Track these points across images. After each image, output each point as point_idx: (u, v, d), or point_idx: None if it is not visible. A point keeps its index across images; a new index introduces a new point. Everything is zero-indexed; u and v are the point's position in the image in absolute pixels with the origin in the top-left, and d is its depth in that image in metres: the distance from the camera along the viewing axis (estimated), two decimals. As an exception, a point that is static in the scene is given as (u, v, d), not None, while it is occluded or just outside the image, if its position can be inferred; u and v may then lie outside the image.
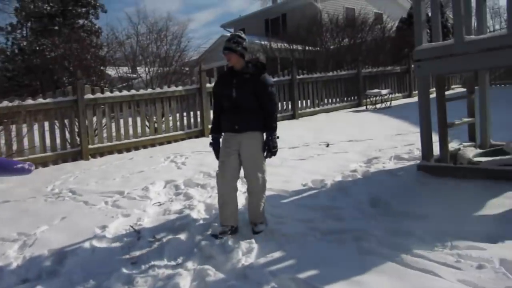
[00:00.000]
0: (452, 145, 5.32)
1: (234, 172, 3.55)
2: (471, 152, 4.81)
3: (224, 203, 3.55)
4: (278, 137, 3.56)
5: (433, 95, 4.69)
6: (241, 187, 4.85)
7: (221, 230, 3.51)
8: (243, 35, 3.53)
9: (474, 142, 5.31)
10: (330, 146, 6.68)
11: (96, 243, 3.50)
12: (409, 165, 5.09)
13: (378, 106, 11.50)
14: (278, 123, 3.65)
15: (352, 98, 12.32)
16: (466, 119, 5.24)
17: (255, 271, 2.81)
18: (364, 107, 11.83)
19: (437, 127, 4.69)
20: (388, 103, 11.59)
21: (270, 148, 3.52)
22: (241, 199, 4.37)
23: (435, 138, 4.69)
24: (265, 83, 3.48)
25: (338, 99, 11.91)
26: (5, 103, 6.28)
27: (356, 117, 10.19)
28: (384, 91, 11.66)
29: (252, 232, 3.51)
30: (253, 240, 3.28)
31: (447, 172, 4.41)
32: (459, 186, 4.02)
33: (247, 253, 3.13)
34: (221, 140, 3.66)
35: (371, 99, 11.65)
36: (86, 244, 3.47)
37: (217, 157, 3.65)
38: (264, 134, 3.55)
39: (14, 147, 6.44)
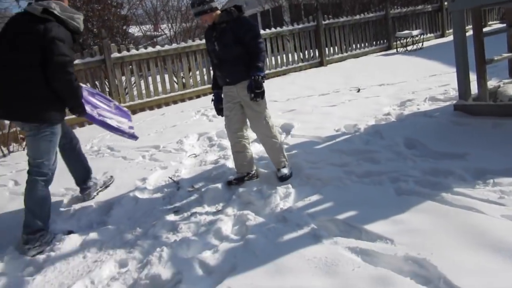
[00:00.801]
0: (491, 83, 5.12)
1: (239, 123, 3.58)
2: (512, 88, 4.62)
3: (235, 153, 3.66)
4: (264, 77, 3.26)
5: (468, 33, 4.45)
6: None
7: (236, 176, 3.63)
8: None
9: (514, 78, 5.08)
10: (361, 91, 6.55)
11: (138, 195, 3.64)
12: (445, 106, 4.94)
13: (409, 48, 11.06)
14: (305, 71, 3.66)
15: (381, 41, 11.89)
16: (506, 54, 4.99)
17: (294, 214, 2.87)
18: (394, 50, 11.41)
19: (475, 64, 4.50)
20: (420, 44, 11.12)
21: (253, 89, 3.21)
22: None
23: (473, 77, 4.51)
24: (242, 24, 3.31)
25: (366, 43, 11.52)
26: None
27: (386, 60, 9.87)
28: (415, 32, 11.17)
29: (277, 179, 3.54)
30: (289, 185, 3.33)
31: (487, 111, 4.26)
32: (500, 124, 3.89)
33: (284, 197, 3.19)
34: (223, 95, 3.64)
35: (402, 41, 11.19)
36: (129, 196, 3.62)
37: (217, 112, 3.74)
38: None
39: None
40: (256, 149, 4.31)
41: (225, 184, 3.58)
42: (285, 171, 3.56)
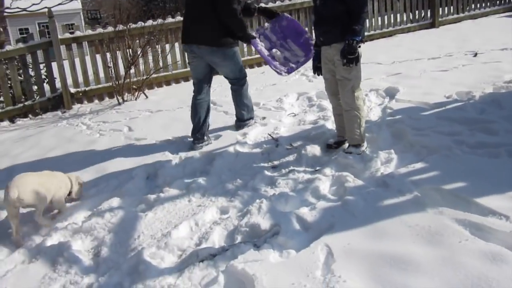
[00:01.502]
0: None
1: (334, 85, 3.42)
2: None
3: (336, 115, 3.58)
4: (360, 42, 3.09)
5: None
6: (377, 99, 4.69)
7: (336, 140, 3.57)
8: None
9: None
10: (478, 55, 5.94)
11: (239, 148, 3.78)
12: None
13: (540, 8, 9.67)
14: (413, 32, 3.35)
15: (507, 0, 10.52)
16: None
17: (396, 180, 2.77)
18: (521, 11, 10.06)
19: None
20: (555, 4, 9.65)
21: (345, 54, 3.07)
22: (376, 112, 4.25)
23: None
24: None
25: (488, 3, 10.28)
26: (150, 22, 6.80)
27: (511, 23, 8.76)
28: (551, -10, 9.69)
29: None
30: (392, 151, 3.20)
31: None
32: None
33: (386, 163, 3.09)
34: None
35: (532, 0, 9.80)
36: (231, 149, 3.77)
37: (313, 70, 3.60)
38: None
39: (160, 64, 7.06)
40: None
41: (325, 147, 3.56)
42: (354, 150, 3.31)
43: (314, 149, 3.53)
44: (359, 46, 3.11)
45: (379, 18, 8.98)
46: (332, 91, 3.52)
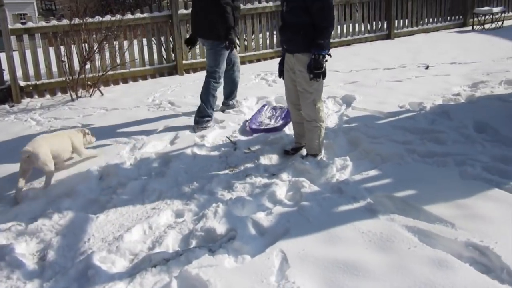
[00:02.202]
0: None
1: (294, 94, 3.43)
2: None
3: (294, 123, 3.60)
4: (327, 57, 3.09)
5: None
6: (334, 106, 4.79)
7: (293, 146, 3.59)
8: None
9: None
10: (430, 68, 6.21)
11: (196, 151, 3.73)
12: (523, 91, 4.60)
13: (486, 26, 10.25)
14: (370, 43, 3.46)
15: (457, 17, 11.09)
16: None
17: (350, 186, 2.83)
18: (469, 28, 10.62)
19: None
20: (500, 23, 10.26)
21: (312, 69, 3.06)
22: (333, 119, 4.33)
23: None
24: None
25: (440, 18, 10.79)
26: (108, 17, 6.60)
27: (460, 38, 9.24)
28: (496, 9, 10.29)
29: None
30: (347, 158, 3.28)
31: None
32: None
33: (341, 169, 3.15)
34: None
35: (479, 18, 10.39)
36: (188, 151, 3.72)
37: (279, 74, 3.59)
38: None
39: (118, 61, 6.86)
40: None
41: (282, 152, 3.58)
42: (312, 159, 3.32)
43: (272, 154, 3.56)
44: (326, 60, 3.10)
45: (338, 27, 9.20)
46: (292, 101, 3.51)
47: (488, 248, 2.01)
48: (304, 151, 3.52)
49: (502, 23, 10.28)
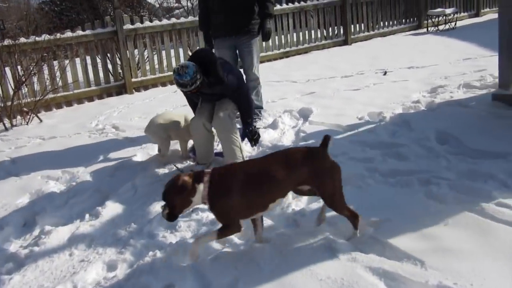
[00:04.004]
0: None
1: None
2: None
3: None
4: (257, 129, 3.52)
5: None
6: (291, 121, 4.49)
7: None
8: (183, 78, 3.04)
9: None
10: (387, 74, 6.05)
11: (138, 182, 3.34)
12: (481, 95, 4.46)
13: (441, 27, 10.34)
14: (328, 49, 3.32)
15: (411, 19, 11.16)
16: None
17: (307, 218, 2.52)
18: (424, 30, 10.69)
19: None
20: (453, 24, 10.38)
21: (250, 138, 3.47)
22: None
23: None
24: (228, 88, 3.26)
25: (395, 22, 10.82)
26: (44, 37, 6.08)
27: (416, 40, 9.23)
28: (448, 10, 10.41)
29: None
30: (304, 182, 2.96)
31: (531, 102, 3.78)
32: (547, 119, 3.42)
33: (296, 196, 2.83)
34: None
35: (433, 20, 10.47)
36: (129, 184, 3.32)
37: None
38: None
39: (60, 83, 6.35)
40: (271, 137, 3.95)
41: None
42: None
43: (223, 181, 3.20)
44: (258, 130, 3.53)
45: (294, 35, 9.00)
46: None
47: (463, 291, 1.72)
48: None
49: (455, 24, 10.40)
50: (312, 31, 9.32)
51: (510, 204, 2.29)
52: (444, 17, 10.35)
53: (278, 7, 8.73)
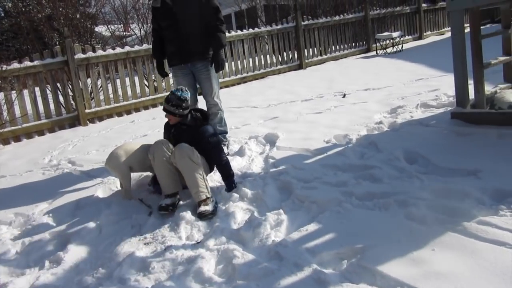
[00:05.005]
0: (487, 88, 4.81)
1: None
2: (511, 95, 4.30)
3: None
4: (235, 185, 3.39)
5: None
6: (257, 147, 4.41)
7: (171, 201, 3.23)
8: (183, 95, 3.27)
9: (511, 83, 4.79)
10: (346, 96, 6.16)
11: (102, 222, 3.09)
12: (439, 113, 4.60)
13: (388, 50, 10.82)
14: (284, 74, 3.33)
15: (361, 43, 11.61)
16: (502, 58, 4.68)
17: (290, 249, 2.40)
18: (374, 53, 11.15)
19: (472, 68, 4.17)
20: (399, 46, 10.89)
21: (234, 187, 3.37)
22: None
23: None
24: (203, 135, 3.30)
25: (346, 45, 11.20)
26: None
27: (367, 63, 9.57)
28: (395, 34, 10.93)
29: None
30: (281, 211, 2.86)
31: (488, 119, 3.92)
32: (506, 135, 3.55)
33: (276, 226, 2.72)
34: None
35: (381, 43, 10.94)
36: (92, 224, 3.06)
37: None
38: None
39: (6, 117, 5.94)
40: (239, 165, 3.84)
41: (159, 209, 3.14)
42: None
43: (192, 213, 3.04)
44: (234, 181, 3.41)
45: (250, 60, 9.06)
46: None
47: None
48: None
49: (402, 47, 10.91)
50: (268, 56, 9.44)
51: (491, 222, 2.31)
52: (392, 40, 10.85)
53: (233, 33, 8.79)
